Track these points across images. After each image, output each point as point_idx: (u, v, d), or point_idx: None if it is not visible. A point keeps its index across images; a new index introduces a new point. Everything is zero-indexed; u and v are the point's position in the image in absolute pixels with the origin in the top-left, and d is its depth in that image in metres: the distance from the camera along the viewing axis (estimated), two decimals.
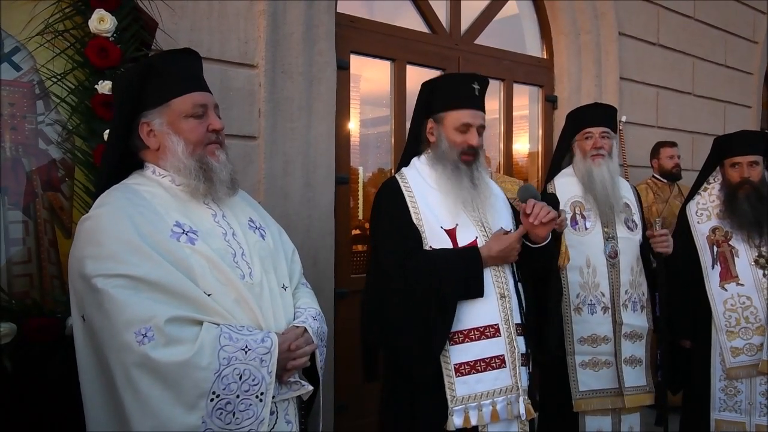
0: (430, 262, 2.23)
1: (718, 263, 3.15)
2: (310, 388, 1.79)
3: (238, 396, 1.56)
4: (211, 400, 1.52)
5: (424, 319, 2.20)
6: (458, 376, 2.19)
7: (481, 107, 2.39)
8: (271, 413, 1.67)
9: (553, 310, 2.48)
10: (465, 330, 2.22)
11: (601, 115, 3.14)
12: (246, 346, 1.59)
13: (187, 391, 1.50)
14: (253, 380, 1.58)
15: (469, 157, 2.35)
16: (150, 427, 1.49)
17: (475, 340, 2.22)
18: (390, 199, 2.37)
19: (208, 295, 1.62)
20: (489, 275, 2.27)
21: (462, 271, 2.22)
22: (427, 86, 2.47)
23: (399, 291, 2.25)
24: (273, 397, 1.64)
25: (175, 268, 1.59)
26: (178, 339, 1.51)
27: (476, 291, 2.22)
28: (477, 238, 2.30)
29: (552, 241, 2.35)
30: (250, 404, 1.58)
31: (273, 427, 1.69)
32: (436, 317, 2.19)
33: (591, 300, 2.98)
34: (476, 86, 2.36)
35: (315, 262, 3.41)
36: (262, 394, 1.59)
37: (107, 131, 2.20)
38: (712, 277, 3.14)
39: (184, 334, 1.53)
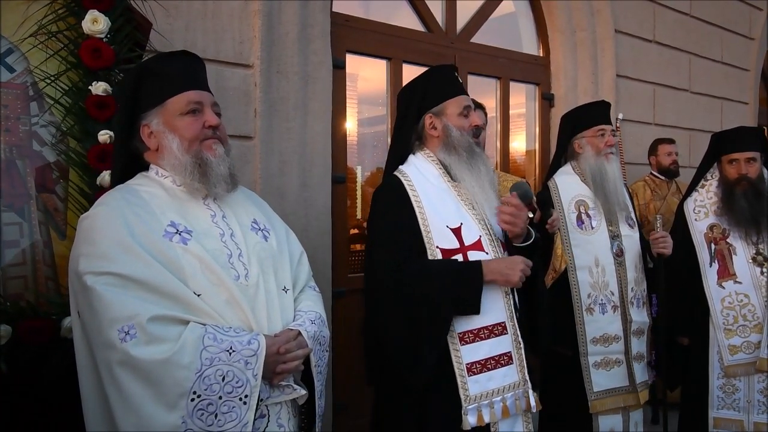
0: (428, 275, 2.20)
1: (716, 261, 3.15)
2: (303, 392, 1.76)
3: (220, 397, 1.54)
4: (192, 400, 1.51)
5: (417, 330, 2.18)
6: (470, 375, 2.18)
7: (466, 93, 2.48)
8: (263, 416, 1.67)
9: (543, 309, 2.46)
10: (475, 329, 2.21)
11: (608, 112, 3.16)
12: (231, 348, 1.57)
13: (168, 389, 1.49)
14: (237, 382, 1.56)
15: (477, 138, 2.40)
16: (132, 425, 1.49)
17: (485, 338, 2.21)
18: (392, 199, 2.34)
19: (198, 295, 1.62)
20: None
21: (460, 289, 2.18)
22: (412, 86, 2.49)
23: (392, 298, 2.23)
24: (261, 400, 1.63)
25: (166, 267, 1.59)
26: (161, 337, 1.51)
27: (473, 309, 2.19)
28: (481, 237, 2.28)
29: (533, 243, 2.33)
30: (233, 406, 1.56)
31: (264, 430, 1.67)
32: (429, 329, 2.18)
33: (602, 300, 2.97)
34: (457, 75, 2.45)
35: (312, 262, 3.34)
36: (246, 396, 1.57)
37: (101, 132, 2.20)
38: (709, 274, 3.14)
39: (167, 332, 1.52)
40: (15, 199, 2.15)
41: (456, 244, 2.26)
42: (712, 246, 3.17)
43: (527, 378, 2.27)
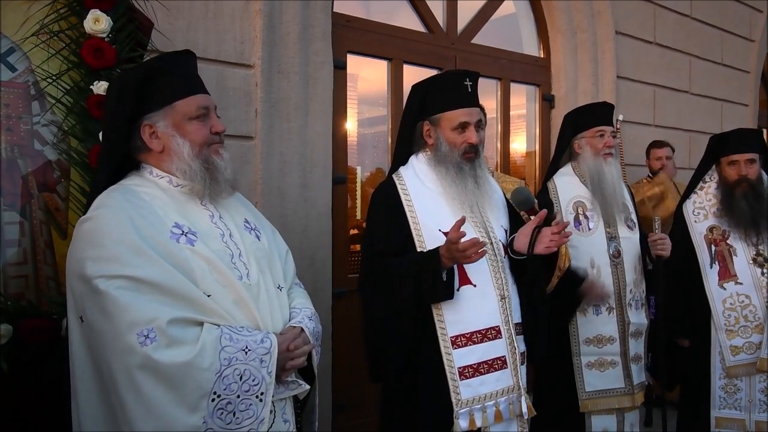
0: (390, 272, 2.23)
1: (717, 262, 3.15)
2: (307, 387, 1.81)
3: (238, 396, 1.57)
4: (213, 400, 1.54)
5: (384, 328, 2.23)
6: (462, 379, 2.19)
7: (475, 103, 2.36)
8: (270, 412, 1.68)
9: (541, 316, 2.44)
10: (467, 333, 2.21)
11: (610, 114, 3.16)
12: (246, 347, 1.60)
13: (190, 391, 1.51)
14: (253, 380, 1.60)
15: (471, 154, 2.33)
16: (152, 428, 1.49)
17: (478, 342, 2.22)
18: (384, 201, 2.35)
19: (208, 296, 1.63)
20: (489, 276, 2.25)
21: (422, 279, 2.16)
22: (418, 88, 2.43)
23: (367, 297, 2.29)
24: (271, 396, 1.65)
25: (177, 269, 1.60)
26: (180, 340, 1.52)
27: (443, 294, 2.17)
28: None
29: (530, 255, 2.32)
30: (251, 404, 1.59)
31: (271, 426, 1.69)
32: (394, 328, 2.21)
33: (596, 301, 2.97)
34: (468, 83, 2.34)
35: (312, 262, 3.40)
36: (262, 394, 1.61)
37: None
38: (710, 276, 3.14)
39: (185, 335, 1.53)
40: (16, 198, 2.15)
41: None
42: (713, 247, 3.17)
43: (522, 383, 2.27)
